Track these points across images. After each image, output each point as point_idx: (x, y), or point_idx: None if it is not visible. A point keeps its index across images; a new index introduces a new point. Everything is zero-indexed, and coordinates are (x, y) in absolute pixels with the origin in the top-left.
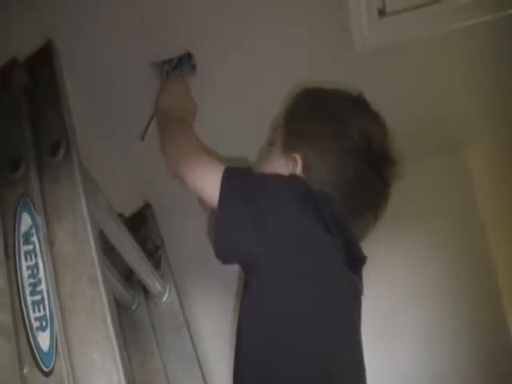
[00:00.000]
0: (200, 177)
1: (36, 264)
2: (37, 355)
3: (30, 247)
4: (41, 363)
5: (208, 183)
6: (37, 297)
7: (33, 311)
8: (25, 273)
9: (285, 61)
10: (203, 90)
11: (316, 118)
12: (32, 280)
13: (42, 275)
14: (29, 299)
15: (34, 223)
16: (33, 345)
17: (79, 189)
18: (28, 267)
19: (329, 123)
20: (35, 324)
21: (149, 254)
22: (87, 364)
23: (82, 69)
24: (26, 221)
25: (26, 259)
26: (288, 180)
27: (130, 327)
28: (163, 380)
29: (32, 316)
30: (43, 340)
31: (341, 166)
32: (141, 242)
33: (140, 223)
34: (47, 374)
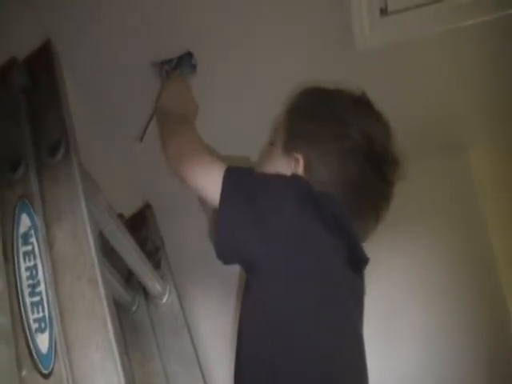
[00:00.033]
0: (201, 176)
1: (35, 265)
2: (35, 357)
3: (29, 248)
4: (40, 365)
5: (209, 183)
6: (36, 298)
7: (32, 313)
8: (23, 274)
9: (285, 61)
10: (203, 90)
11: (317, 119)
12: (31, 281)
13: (41, 276)
14: (28, 300)
15: (33, 224)
16: (31, 347)
17: (79, 189)
18: (27, 268)
19: (330, 124)
20: (34, 326)
21: (149, 255)
22: (87, 366)
23: (82, 69)
24: (25, 222)
25: (25, 260)
26: (290, 180)
27: (130, 329)
28: (163, 382)
29: (31, 317)
30: (42, 342)
31: (342, 167)
32: (141, 243)
33: (140, 224)
34: (46, 376)
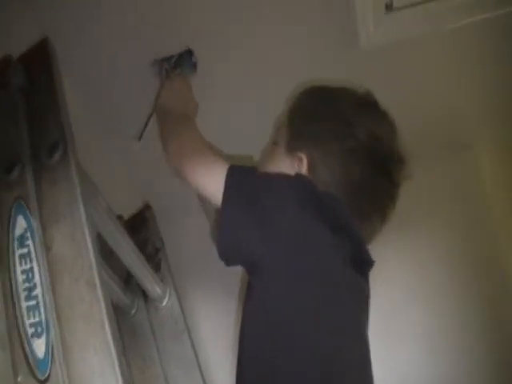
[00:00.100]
0: (203, 175)
1: (31, 268)
2: (32, 362)
3: (25, 251)
4: (36, 370)
5: (211, 182)
6: (32, 302)
7: (28, 317)
8: (19, 277)
9: (285, 60)
10: (203, 90)
11: (319, 119)
12: (27, 285)
13: (38, 280)
14: (23, 305)
15: (29, 226)
16: (28, 352)
17: (77, 191)
18: (23, 271)
19: (332, 124)
20: (30, 330)
21: (148, 257)
22: (85, 371)
23: (82, 69)
24: (21, 224)
25: (21, 263)
26: (293, 180)
27: (129, 332)
28: None
29: (27, 322)
30: (38, 347)
31: (344, 168)
32: (140, 245)
33: (140, 225)
34: (43, 382)
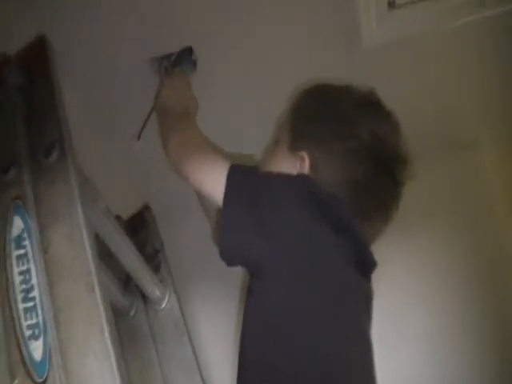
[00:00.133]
0: (203, 173)
1: (28, 269)
2: (29, 365)
3: (22, 252)
4: (33, 373)
5: (212, 180)
6: (29, 304)
7: (25, 319)
8: (17, 278)
9: (286, 60)
10: (203, 90)
11: (319, 119)
12: (24, 286)
13: (35, 281)
14: (21, 306)
15: (26, 227)
16: (25, 354)
17: (75, 192)
18: (20, 273)
19: (333, 124)
20: (27, 332)
21: (148, 258)
22: (83, 373)
23: (82, 69)
24: (18, 224)
25: (18, 264)
26: (294, 179)
27: (128, 334)
28: None
29: (24, 324)
30: (36, 349)
31: (346, 168)
32: (140, 246)
33: (139, 226)
34: None
